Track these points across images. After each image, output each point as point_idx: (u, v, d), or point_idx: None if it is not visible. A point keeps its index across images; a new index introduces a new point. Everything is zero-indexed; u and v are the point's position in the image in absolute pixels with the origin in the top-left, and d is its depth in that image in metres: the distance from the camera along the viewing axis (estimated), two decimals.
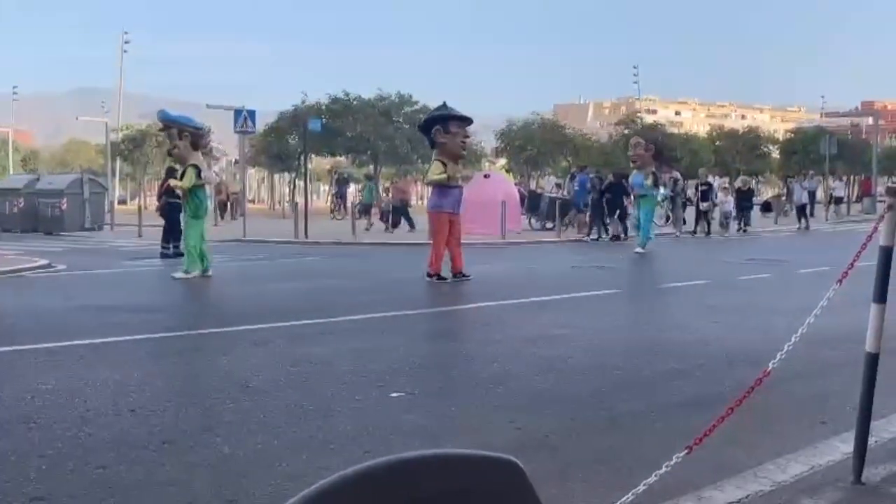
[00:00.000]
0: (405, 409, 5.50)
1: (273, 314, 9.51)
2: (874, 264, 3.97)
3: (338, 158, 54.33)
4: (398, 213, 29.61)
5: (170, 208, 18.37)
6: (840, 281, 3.82)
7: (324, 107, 46.56)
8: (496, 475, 1.39)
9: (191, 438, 4.83)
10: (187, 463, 4.41)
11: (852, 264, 3.87)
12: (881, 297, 4.01)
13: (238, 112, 25.99)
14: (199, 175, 13.93)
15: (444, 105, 14.75)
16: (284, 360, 6.99)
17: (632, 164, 20.70)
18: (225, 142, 58.12)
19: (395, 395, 5.85)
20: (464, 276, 12.74)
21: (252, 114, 26.21)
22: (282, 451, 4.59)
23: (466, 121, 13.49)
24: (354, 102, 47.36)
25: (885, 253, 3.99)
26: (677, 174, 28.93)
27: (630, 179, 21.12)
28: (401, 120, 47.45)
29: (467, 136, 13.71)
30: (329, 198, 55.53)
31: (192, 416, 5.32)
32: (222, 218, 35.36)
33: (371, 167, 49.35)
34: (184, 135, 14.09)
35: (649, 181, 19.26)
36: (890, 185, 3.98)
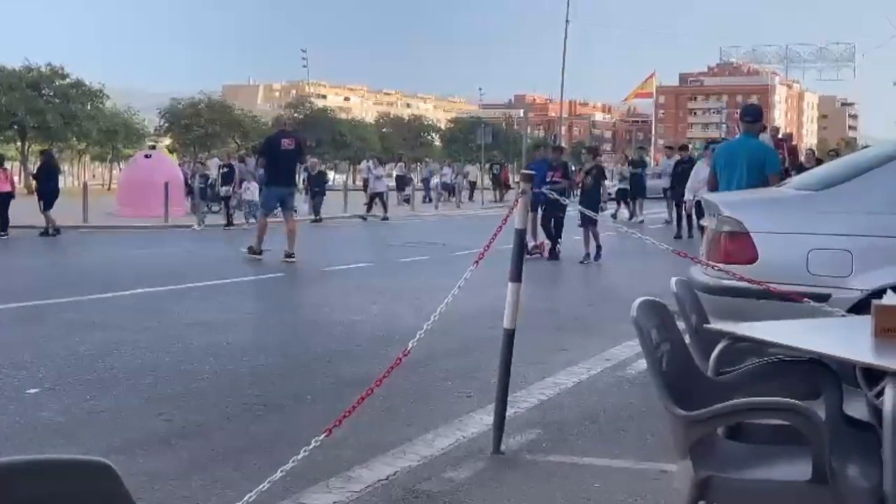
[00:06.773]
0: (41, 405, 5.06)
1: None
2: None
3: None
4: None
5: None
6: (476, 262, 4.01)
7: None
8: (88, 478, 1.37)
9: None
10: None
11: (488, 247, 4.08)
12: (517, 276, 4.27)
13: None
14: None
15: None
16: None
17: None
18: None
19: (31, 391, 5.36)
20: None
21: None
22: None
23: None
24: None
25: (520, 235, 4.25)
26: None
27: None
28: (52, 94, 44.19)
29: None
30: None
31: None
32: None
33: (18, 144, 45.47)
34: None
35: None
36: (523, 171, 4.24)
